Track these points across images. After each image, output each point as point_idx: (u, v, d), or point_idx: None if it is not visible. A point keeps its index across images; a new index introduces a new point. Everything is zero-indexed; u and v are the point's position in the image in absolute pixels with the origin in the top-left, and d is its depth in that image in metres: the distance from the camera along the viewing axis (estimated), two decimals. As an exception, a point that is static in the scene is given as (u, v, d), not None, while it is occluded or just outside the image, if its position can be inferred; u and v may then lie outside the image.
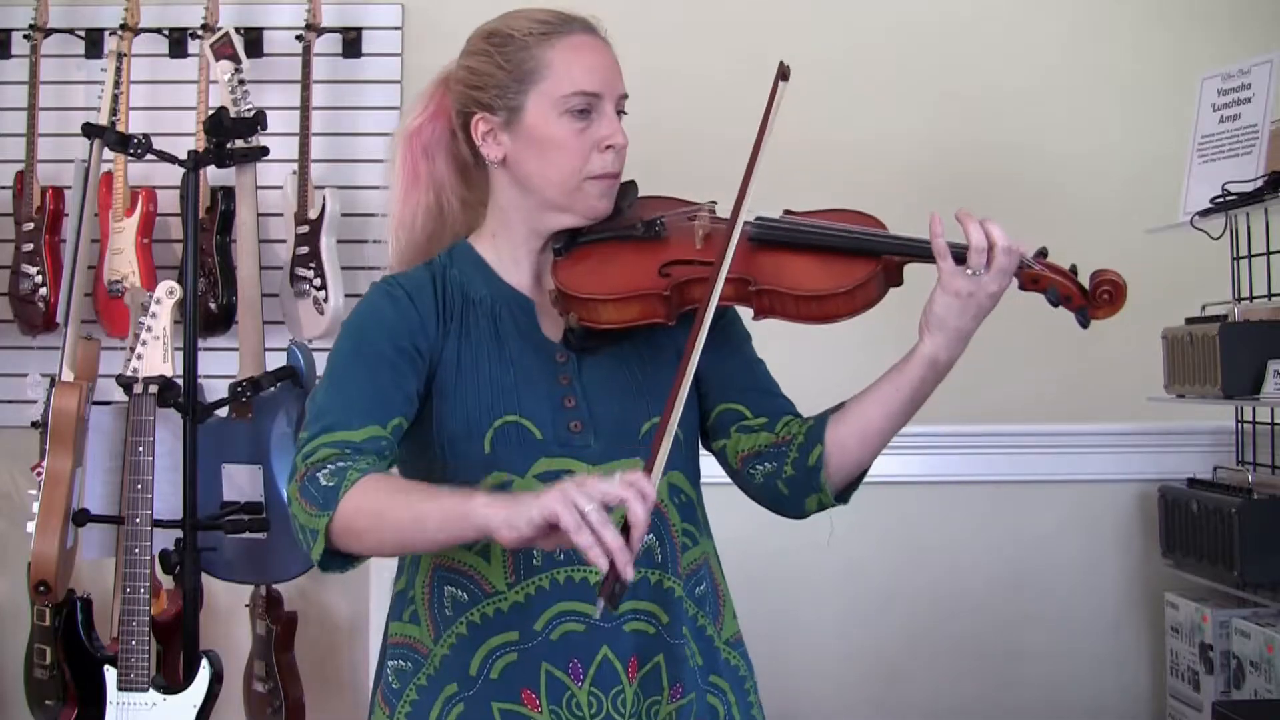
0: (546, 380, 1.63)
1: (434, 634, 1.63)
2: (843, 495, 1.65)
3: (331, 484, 1.47)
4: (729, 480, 1.74)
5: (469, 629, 1.60)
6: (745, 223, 1.60)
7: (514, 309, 1.68)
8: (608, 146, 1.63)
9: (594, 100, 1.63)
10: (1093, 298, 1.52)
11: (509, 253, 1.70)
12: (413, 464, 1.67)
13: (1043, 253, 1.55)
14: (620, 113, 1.67)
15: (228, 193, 3.28)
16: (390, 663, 1.68)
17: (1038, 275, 1.53)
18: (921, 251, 1.55)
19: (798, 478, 1.62)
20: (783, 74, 1.61)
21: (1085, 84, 3.42)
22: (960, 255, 1.51)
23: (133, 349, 2.71)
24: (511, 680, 1.58)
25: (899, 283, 1.60)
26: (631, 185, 1.72)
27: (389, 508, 1.46)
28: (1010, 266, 1.51)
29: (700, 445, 1.75)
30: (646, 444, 1.58)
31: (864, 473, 1.65)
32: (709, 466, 1.73)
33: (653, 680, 1.60)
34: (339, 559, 1.51)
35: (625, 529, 1.32)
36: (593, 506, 1.30)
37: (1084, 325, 1.54)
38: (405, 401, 1.60)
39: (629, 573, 1.30)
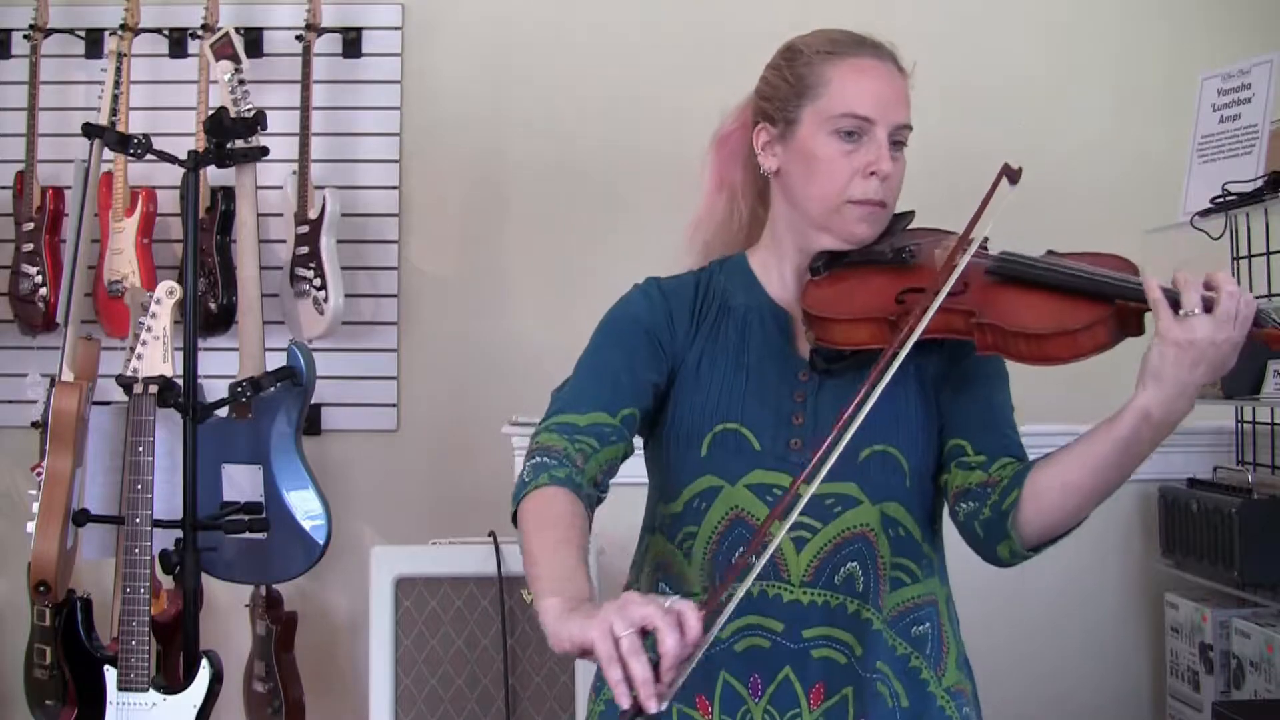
0: (780, 395, 1.63)
1: None
2: (1038, 548, 1.55)
3: (527, 479, 1.53)
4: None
5: None
6: (985, 256, 1.57)
7: (767, 320, 1.68)
8: (872, 173, 1.61)
9: (864, 124, 1.61)
10: None
11: (775, 265, 1.71)
12: (652, 460, 1.70)
13: None
14: (898, 143, 1.64)
15: (228, 193, 3.28)
16: None
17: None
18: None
19: (992, 520, 1.54)
20: (1010, 177, 1.55)
21: (1085, 84, 3.42)
22: (1175, 300, 1.40)
23: (133, 349, 2.71)
24: (690, 684, 1.55)
25: (1138, 332, 1.50)
26: (906, 215, 1.70)
27: (527, 539, 1.49)
28: (1235, 313, 1.39)
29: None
30: (862, 471, 1.58)
31: (1064, 533, 1.54)
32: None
33: (838, 712, 1.57)
34: None
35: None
36: (628, 634, 1.27)
37: None
38: (639, 391, 1.63)
39: (651, 706, 1.26)
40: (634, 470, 1.74)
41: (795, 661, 1.57)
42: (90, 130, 2.99)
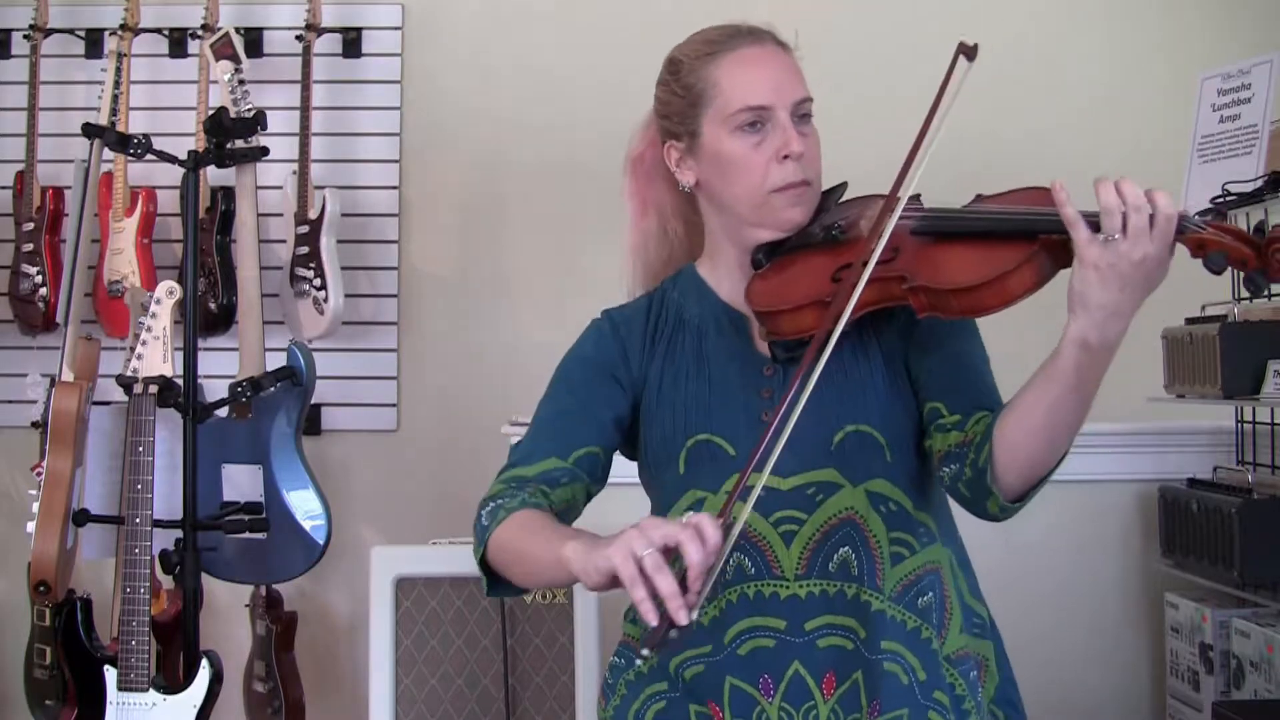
0: (747, 396, 1.62)
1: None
2: (1023, 497, 1.52)
3: (486, 523, 1.55)
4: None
5: None
6: (909, 215, 1.53)
7: (724, 324, 1.68)
8: (785, 156, 1.61)
9: (763, 113, 1.61)
10: (1269, 259, 1.33)
11: (724, 271, 1.71)
12: (644, 485, 1.72)
13: (1219, 213, 1.40)
14: (804, 117, 1.64)
15: (228, 193, 3.28)
16: (611, 658, 1.72)
17: (1205, 239, 1.35)
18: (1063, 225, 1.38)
19: (973, 479, 1.51)
20: (966, 52, 1.51)
21: (1084, 83, 3.42)
22: (1095, 223, 1.35)
23: (133, 349, 2.71)
24: (699, 688, 1.60)
25: (1068, 263, 1.42)
26: (838, 188, 1.69)
27: (523, 548, 1.51)
28: (1148, 228, 1.33)
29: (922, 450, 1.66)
30: (839, 455, 1.58)
31: (1046, 474, 1.50)
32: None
33: (852, 697, 1.56)
34: (508, 588, 1.58)
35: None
36: (649, 552, 1.31)
37: (1256, 291, 1.36)
38: (597, 430, 1.65)
39: (681, 618, 1.29)
40: (631, 470, 1.74)
41: (802, 655, 1.57)
42: (90, 130, 2.99)
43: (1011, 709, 1.69)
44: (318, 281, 3.26)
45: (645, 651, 1.32)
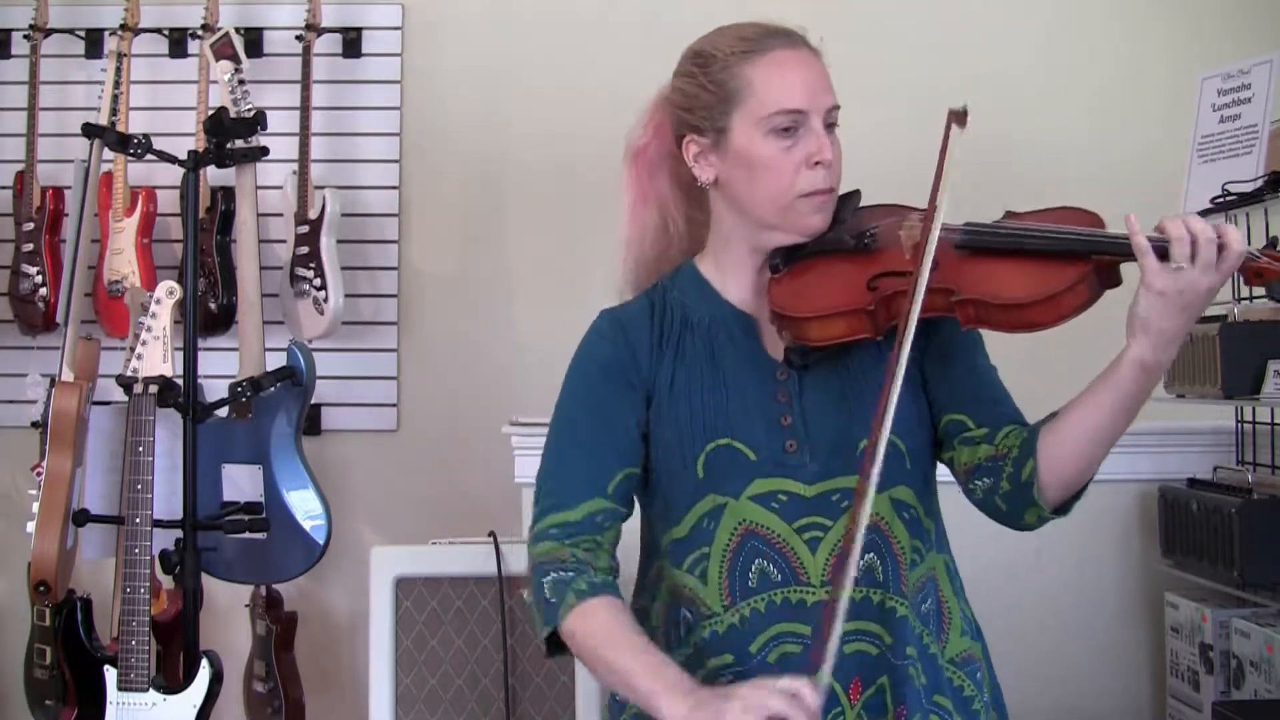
0: (763, 399, 1.61)
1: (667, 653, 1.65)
2: (1062, 508, 1.57)
3: (554, 600, 1.55)
4: None
5: (695, 650, 1.62)
6: (951, 229, 1.54)
7: (733, 328, 1.67)
8: (816, 163, 1.59)
9: (799, 117, 1.59)
10: None
11: (731, 271, 1.69)
12: (642, 485, 1.69)
13: (1271, 243, 1.43)
14: (831, 125, 1.63)
15: (228, 193, 3.29)
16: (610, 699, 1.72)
17: (1263, 268, 1.42)
18: (1128, 250, 1.45)
19: (1013, 493, 1.55)
20: (957, 120, 1.54)
21: (1084, 84, 3.43)
22: (1163, 251, 1.41)
23: (133, 349, 2.71)
24: None
25: (1115, 283, 1.51)
26: (853, 195, 1.68)
27: (596, 653, 1.53)
28: (1216, 260, 1.40)
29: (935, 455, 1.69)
30: (862, 462, 1.57)
31: (1085, 485, 1.56)
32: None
33: (877, 703, 1.57)
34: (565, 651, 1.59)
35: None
36: None
37: None
38: (627, 448, 1.63)
39: None
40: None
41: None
42: (90, 130, 2.99)
43: (1001, 709, 1.72)
44: (318, 281, 3.27)
45: None
